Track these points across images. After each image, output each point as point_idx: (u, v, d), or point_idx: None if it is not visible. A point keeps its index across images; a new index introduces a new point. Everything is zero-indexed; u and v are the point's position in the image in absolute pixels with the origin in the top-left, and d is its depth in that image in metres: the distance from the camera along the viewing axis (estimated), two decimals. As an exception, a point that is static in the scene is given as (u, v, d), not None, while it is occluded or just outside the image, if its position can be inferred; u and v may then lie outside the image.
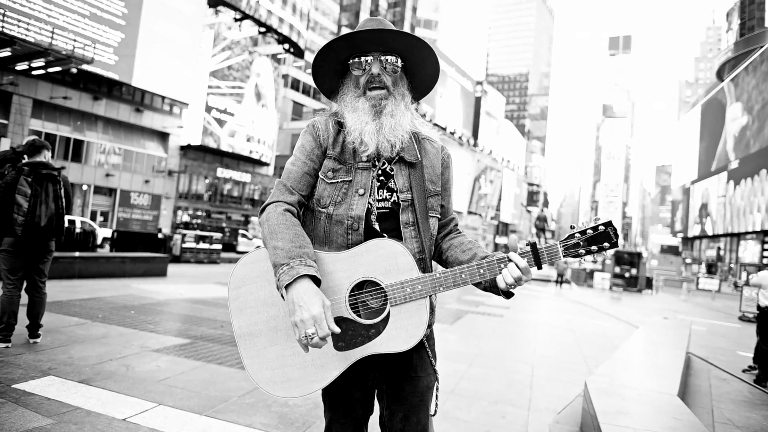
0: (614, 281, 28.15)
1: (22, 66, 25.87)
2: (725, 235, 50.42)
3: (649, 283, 29.07)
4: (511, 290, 1.47)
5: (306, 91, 62.67)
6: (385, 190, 1.57)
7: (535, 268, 1.46)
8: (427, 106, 62.32)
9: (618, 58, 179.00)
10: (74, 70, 27.12)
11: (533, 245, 1.45)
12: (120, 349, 4.80)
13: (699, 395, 5.62)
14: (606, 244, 1.45)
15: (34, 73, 26.76)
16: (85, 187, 31.04)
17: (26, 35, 24.27)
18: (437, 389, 1.63)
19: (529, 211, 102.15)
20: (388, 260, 1.42)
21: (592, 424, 3.29)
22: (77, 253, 10.83)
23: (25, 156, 4.81)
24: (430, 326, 1.62)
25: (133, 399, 3.46)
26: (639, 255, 28.43)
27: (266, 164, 46.17)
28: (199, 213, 40.11)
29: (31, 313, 4.69)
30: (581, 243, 1.46)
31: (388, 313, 1.41)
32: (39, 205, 4.52)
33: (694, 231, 59.84)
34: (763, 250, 41.16)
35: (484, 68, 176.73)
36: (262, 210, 1.53)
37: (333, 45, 1.56)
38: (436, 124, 61.98)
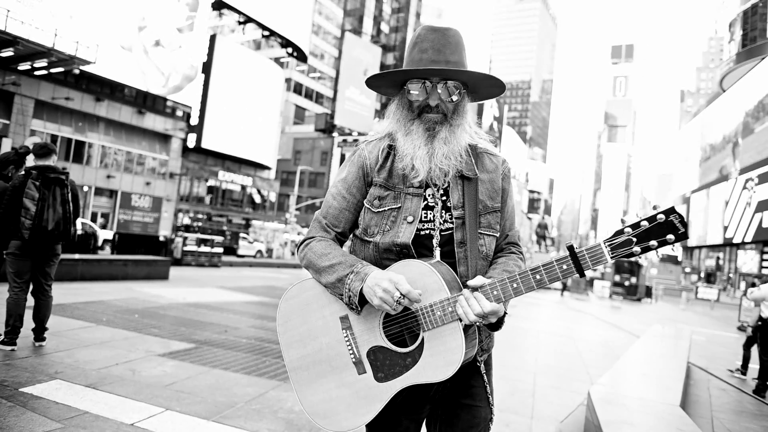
0: (614, 290, 28.19)
1: (24, 66, 25.95)
2: (724, 245, 50.45)
3: (648, 292, 29.11)
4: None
5: (308, 95, 62.87)
6: (444, 211, 1.48)
7: (577, 275, 1.27)
8: (429, 111, 62.40)
9: (620, 66, 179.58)
10: (77, 71, 27.23)
11: (571, 248, 1.25)
12: (125, 353, 4.82)
13: (699, 405, 5.64)
14: (670, 237, 1.19)
15: (37, 73, 26.85)
16: (86, 188, 31.09)
17: (29, 35, 24.36)
18: (491, 423, 1.53)
19: (529, 218, 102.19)
20: (415, 282, 1.33)
21: (596, 434, 3.31)
22: (78, 255, 10.86)
23: (29, 158, 4.85)
24: (487, 351, 1.54)
25: (140, 404, 3.48)
26: (638, 264, 28.46)
27: (268, 168, 46.27)
28: (200, 216, 40.16)
29: (37, 316, 4.71)
30: (634, 239, 1.21)
31: (423, 339, 1.35)
32: (46, 209, 4.55)
33: (692, 241, 59.85)
34: (762, 260, 41.18)
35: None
36: (302, 244, 1.52)
37: (389, 74, 1.47)
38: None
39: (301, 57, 48.66)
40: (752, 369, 7.96)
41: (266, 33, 43.62)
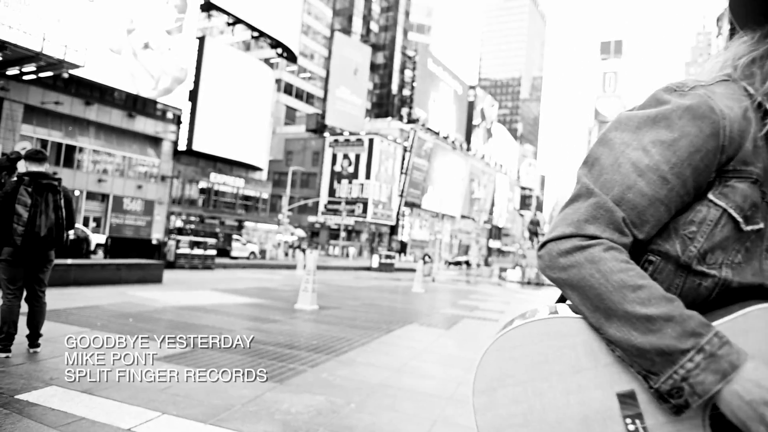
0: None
1: (13, 71, 25.76)
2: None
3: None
4: None
5: (299, 95, 62.81)
6: None
7: None
8: (421, 110, 62.60)
9: (610, 62, 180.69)
10: (66, 75, 27.06)
11: None
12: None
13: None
14: None
15: (26, 78, 26.66)
16: (77, 193, 30.91)
17: (17, 40, 24.18)
18: None
19: (521, 215, 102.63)
20: None
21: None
22: (71, 260, 10.81)
23: (20, 163, 4.84)
24: None
25: (137, 408, 3.49)
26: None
27: (260, 169, 46.18)
28: (192, 218, 40.02)
29: (32, 322, 4.70)
30: None
31: None
32: (39, 215, 4.54)
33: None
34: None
35: (476, 73, 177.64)
36: (564, 239, 0.85)
37: None
38: (429, 129, 62.29)
39: (291, 57, 48.57)
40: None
41: (255, 34, 43.50)
